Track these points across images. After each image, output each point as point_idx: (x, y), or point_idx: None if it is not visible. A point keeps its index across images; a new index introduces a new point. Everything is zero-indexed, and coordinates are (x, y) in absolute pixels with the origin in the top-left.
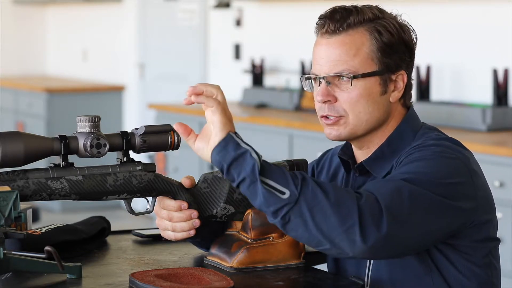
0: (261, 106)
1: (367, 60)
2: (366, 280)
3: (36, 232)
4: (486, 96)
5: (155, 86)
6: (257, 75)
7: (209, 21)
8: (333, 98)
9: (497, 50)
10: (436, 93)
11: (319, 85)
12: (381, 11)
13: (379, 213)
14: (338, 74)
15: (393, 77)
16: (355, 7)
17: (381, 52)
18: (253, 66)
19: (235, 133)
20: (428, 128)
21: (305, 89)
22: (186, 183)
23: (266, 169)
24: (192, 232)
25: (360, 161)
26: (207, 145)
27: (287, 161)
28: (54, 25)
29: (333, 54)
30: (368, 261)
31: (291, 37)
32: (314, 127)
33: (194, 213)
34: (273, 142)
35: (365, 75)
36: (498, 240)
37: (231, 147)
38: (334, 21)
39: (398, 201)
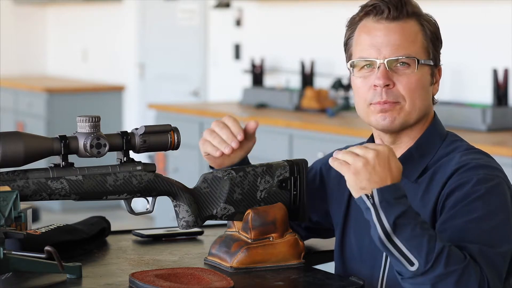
0: (261, 106)
1: (422, 49)
2: (380, 283)
3: (36, 232)
4: (486, 96)
5: (155, 86)
6: (257, 75)
7: (209, 21)
8: (392, 82)
9: (497, 50)
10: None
11: (378, 69)
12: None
13: None
14: (402, 58)
15: (436, 70)
16: None
17: (432, 43)
18: (253, 66)
19: (371, 194)
20: (454, 136)
21: (351, 75)
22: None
23: (401, 229)
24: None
25: None
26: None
27: (287, 161)
28: (54, 25)
29: (393, 39)
30: (383, 264)
31: (291, 37)
32: (314, 127)
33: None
34: (273, 142)
35: (426, 62)
36: None
37: (363, 206)
38: (395, 8)
39: (495, 271)
